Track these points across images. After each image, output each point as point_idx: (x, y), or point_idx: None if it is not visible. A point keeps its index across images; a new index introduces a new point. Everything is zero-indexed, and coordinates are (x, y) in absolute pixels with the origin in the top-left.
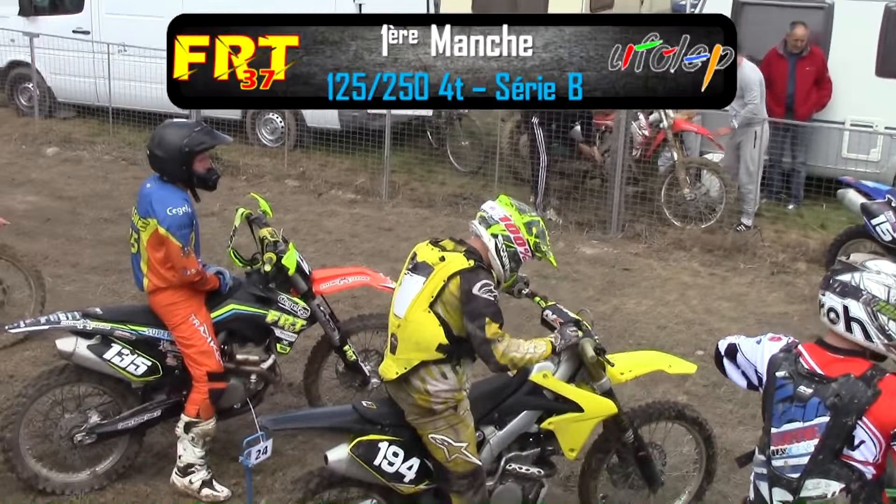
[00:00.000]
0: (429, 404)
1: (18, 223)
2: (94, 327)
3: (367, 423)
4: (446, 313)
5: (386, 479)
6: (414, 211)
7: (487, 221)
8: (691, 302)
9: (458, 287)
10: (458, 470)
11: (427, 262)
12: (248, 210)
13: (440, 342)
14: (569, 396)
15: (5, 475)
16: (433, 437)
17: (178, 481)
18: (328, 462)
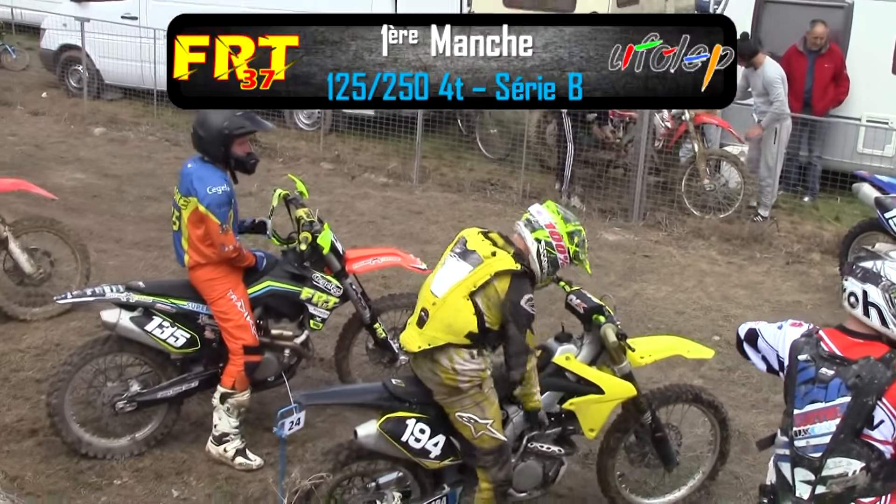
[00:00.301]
0: (455, 383)
1: (66, 199)
2: (136, 300)
3: (395, 400)
4: (486, 306)
5: (412, 455)
6: (443, 195)
7: (533, 225)
8: (709, 289)
9: (506, 290)
10: (485, 446)
11: (478, 252)
12: (286, 191)
13: (471, 330)
14: (590, 379)
15: (51, 439)
16: (460, 415)
17: (213, 449)
18: (357, 437)
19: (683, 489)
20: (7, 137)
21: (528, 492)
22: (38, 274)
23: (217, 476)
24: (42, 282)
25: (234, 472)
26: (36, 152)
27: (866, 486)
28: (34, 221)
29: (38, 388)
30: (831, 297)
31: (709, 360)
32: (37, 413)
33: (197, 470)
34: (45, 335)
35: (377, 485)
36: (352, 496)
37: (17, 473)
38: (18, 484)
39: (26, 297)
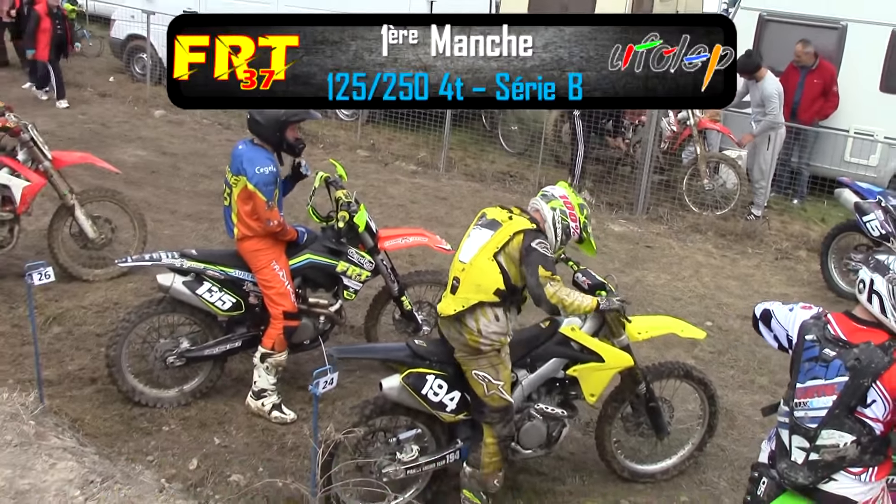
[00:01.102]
0: (477, 344)
1: (128, 173)
2: (189, 266)
3: (417, 358)
4: (508, 263)
5: (430, 407)
6: (467, 184)
7: (548, 197)
8: (704, 279)
9: (521, 242)
10: (493, 404)
11: (497, 219)
12: (327, 174)
13: (498, 287)
14: (592, 348)
15: (108, 387)
16: (476, 373)
17: (252, 403)
18: (382, 389)
19: (674, 458)
20: (78, 116)
21: (532, 449)
22: (100, 239)
23: (255, 427)
24: (103, 246)
25: (270, 425)
26: (102, 130)
27: (856, 457)
28: (98, 192)
29: (98, 342)
30: (815, 291)
31: (701, 342)
32: (96, 363)
33: (237, 421)
34: (105, 294)
35: (398, 440)
36: (374, 449)
37: (77, 416)
38: (79, 426)
39: (89, 259)
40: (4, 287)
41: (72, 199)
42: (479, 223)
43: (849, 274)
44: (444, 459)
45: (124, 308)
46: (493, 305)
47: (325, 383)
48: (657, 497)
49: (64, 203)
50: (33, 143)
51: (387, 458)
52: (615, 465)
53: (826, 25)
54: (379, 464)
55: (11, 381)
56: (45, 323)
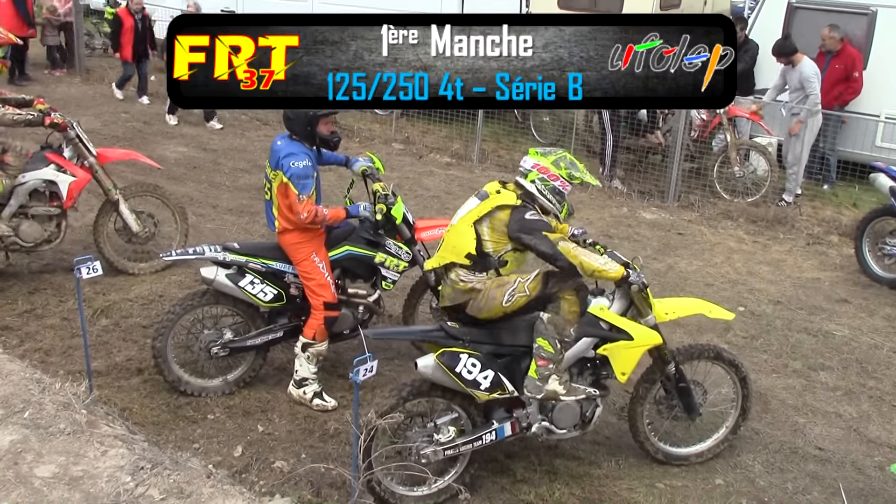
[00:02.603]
0: (471, 286)
1: (170, 169)
2: (231, 259)
3: (451, 338)
4: (490, 232)
5: (465, 385)
6: (500, 174)
7: (523, 172)
8: (736, 265)
9: (509, 217)
10: (537, 289)
11: (488, 192)
12: (365, 166)
13: (469, 251)
14: (621, 326)
15: (155, 377)
16: (506, 303)
17: (293, 392)
18: (417, 367)
19: (708, 441)
20: (121, 114)
21: (567, 429)
22: (143, 233)
23: (297, 415)
24: (147, 240)
25: (312, 412)
26: (144, 128)
27: None
28: (141, 187)
29: (145, 333)
30: (848, 275)
31: (734, 328)
32: (143, 354)
33: (279, 409)
34: (150, 287)
35: (435, 424)
36: (413, 433)
37: (125, 405)
38: (127, 415)
39: (133, 253)
40: (54, 281)
41: (116, 194)
42: (476, 193)
43: (883, 259)
44: (480, 440)
45: (169, 300)
46: (463, 267)
47: (364, 371)
48: (692, 480)
49: (108, 198)
50: (79, 140)
51: (425, 441)
52: (649, 446)
53: (855, 11)
54: (417, 447)
55: (63, 372)
56: (94, 316)
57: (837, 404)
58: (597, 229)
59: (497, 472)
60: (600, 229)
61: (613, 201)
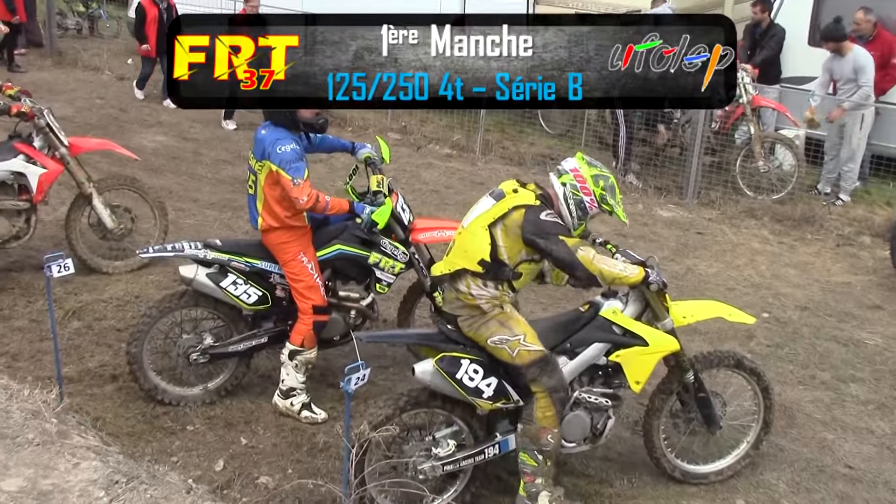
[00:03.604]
0: (476, 303)
1: (147, 160)
2: (213, 257)
3: (451, 342)
4: (504, 237)
5: (466, 393)
6: (504, 167)
7: (559, 171)
8: (760, 267)
9: (523, 217)
10: (525, 361)
11: (503, 190)
12: (370, 153)
13: (482, 257)
14: (635, 331)
15: (130, 385)
16: (492, 342)
17: (279, 402)
18: (415, 373)
19: (728, 458)
20: (95, 100)
21: (577, 442)
22: (119, 229)
23: (283, 427)
24: (123, 237)
25: (299, 424)
26: (120, 115)
27: None
28: (117, 179)
29: (119, 337)
30: (881, 279)
31: (757, 336)
32: (118, 360)
33: (264, 420)
34: (125, 287)
35: (433, 437)
36: (409, 447)
37: (99, 415)
38: (100, 425)
39: (108, 250)
40: (22, 280)
41: (90, 187)
42: (490, 192)
43: None
44: (482, 454)
45: (145, 302)
46: (476, 275)
47: (357, 380)
48: (711, 500)
49: (82, 192)
50: (49, 130)
51: (422, 456)
52: (665, 463)
53: None
54: (414, 462)
55: (31, 378)
56: (65, 317)
57: (869, 419)
58: (609, 228)
59: (500, 490)
60: (613, 228)
61: (627, 197)
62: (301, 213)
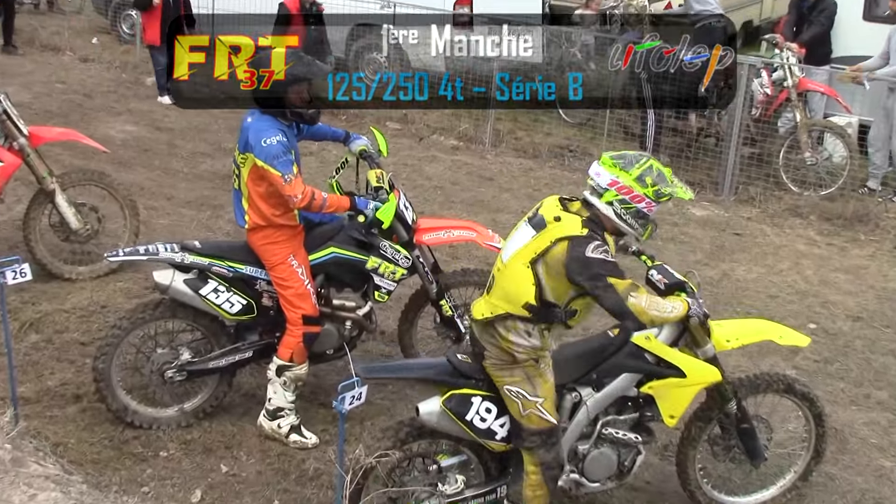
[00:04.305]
0: (511, 350)
1: (116, 152)
2: (192, 261)
3: (460, 376)
4: (546, 275)
5: (477, 435)
6: (517, 161)
7: (597, 191)
8: (805, 272)
9: (566, 252)
10: (532, 426)
11: (544, 217)
12: (364, 145)
13: (528, 301)
14: (671, 360)
15: (95, 405)
16: (508, 389)
17: (265, 424)
18: (419, 414)
19: (772, 489)
20: (55, 85)
21: (601, 482)
22: (84, 230)
23: (269, 452)
24: (88, 239)
25: (287, 449)
26: (85, 101)
27: None
28: (82, 174)
29: (83, 352)
30: None
31: (804, 349)
32: (81, 378)
33: (248, 444)
34: (90, 296)
35: (439, 467)
36: (412, 478)
37: (59, 440)
38: (61, 451)
39: (72, 254)
40: None
41: (52, 182)
42: (529, 217)
43: None
44: (494, 493)
45: (114, 312)
46: (521, 319)
47: (351, 399)
48: None
49: (42, 188)
50: (6, 117)
51: (426, 489)
52: (700, 496)
53: None
54: (417, 496)
55: None
56: (21, 330)
57: None
58: None
59: None
60: None
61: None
62: (291, 212)
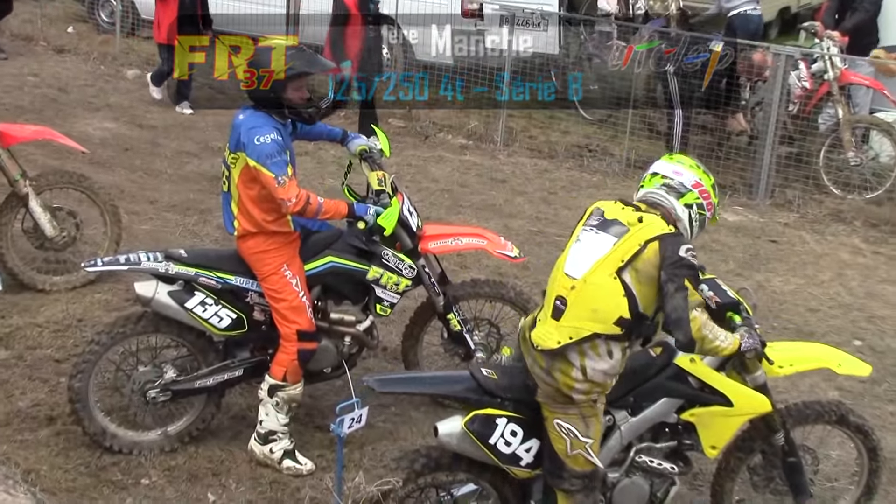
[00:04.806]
0: (570, 392)
1: (94, 152)
2: (177, 271)
3: (485, 394)
4: (636, 283)
5: (500, 461)
6: (532, 161)
7: (678, 190)
8: (850, 283)
9: (658, 253)
10: (576, 468)
11: (620, 220)
12: (366, 145)
13: (621, 315)
14: (717, 387)
15: (71, 428)
16: (559, 424)
17: (256, 449)
18: (438, 435)
19: None
20: (27, 78)
21: None
22: (60, 237)
23: (260, 479)
24: (65, 246)
25: (280, 476)
26: (60, 96)
27: None
28: (58, 176)
29: (58, 370)
30: None
31: None
32: (55, 398)
33: (237, 471)
34: (66, 308)
35: (452, 497)
36: None
37: (31, 467)
38: (33, 479)
39: (46, 263)
40: None
41: (25, 185)
42: (593, 223)
43: None
44: None
45: (91, 326)
46: (610, 338)
47: (351, 421)
48: None
49: (15, 191)
50: None
51: None
52: None
53: None
54: None
55: None
56: None
57: None
58: None
59: None
60: None
61: None
62: (285, 217)
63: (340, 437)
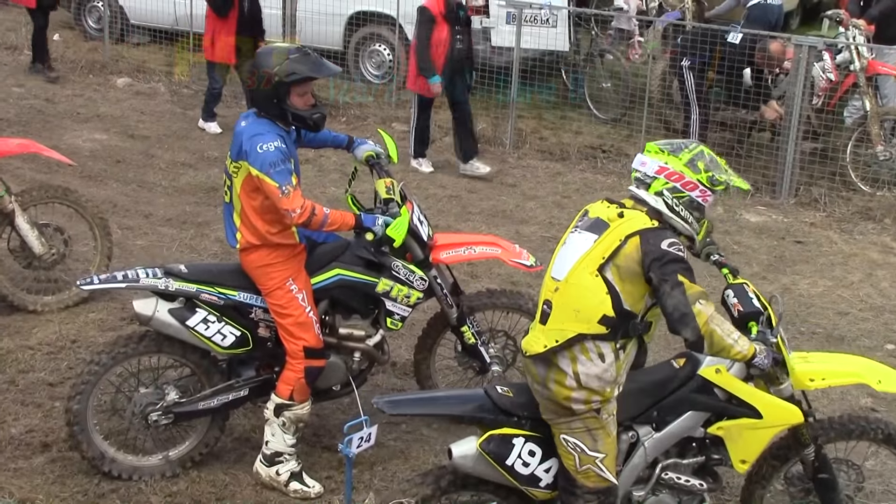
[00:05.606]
0: (568, 403)
1: (84, 165)
2: (177, 288)
3: (501, 413)
4: (618, 279)
5: (519, 482)
6: (543, 164)
7: (644, 182)
8: (881, 284)
9: (639, 248)
10: (588, 484)
11: (602, 218)
12: (372, 151)
13: (604, 313)
14: (745, 398)
15: (67, 455)
16: (565, 439)
17: (262, 471)
18: (452, 457)
19: None
20: (12, 89)
21: None
22: (49, 255)
23: (266, 503)
24: (54, 264)
25: (288, 499)
26: (47, 107)
27: None
28: (46, 191)
29: (52, 394)
30: None
31: None
32: (50, 423)
33: (242, 496)
34: (58, 329)
35: None
36: None
37: (26, 496)
38: None
39: (36, 282)
40: None
41: (10, 201)
42: (579, 224)
43: None
44: None
45: (86, 347)
46: (597, 339)
47: (359, 441)
48: None
49: (0, 208)
50: None
51: None
52: None
53: None
54: None
55: None
56: None
57: None
58: None
59: None
60: None
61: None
62: (290, 229)
63: (349, 458)
